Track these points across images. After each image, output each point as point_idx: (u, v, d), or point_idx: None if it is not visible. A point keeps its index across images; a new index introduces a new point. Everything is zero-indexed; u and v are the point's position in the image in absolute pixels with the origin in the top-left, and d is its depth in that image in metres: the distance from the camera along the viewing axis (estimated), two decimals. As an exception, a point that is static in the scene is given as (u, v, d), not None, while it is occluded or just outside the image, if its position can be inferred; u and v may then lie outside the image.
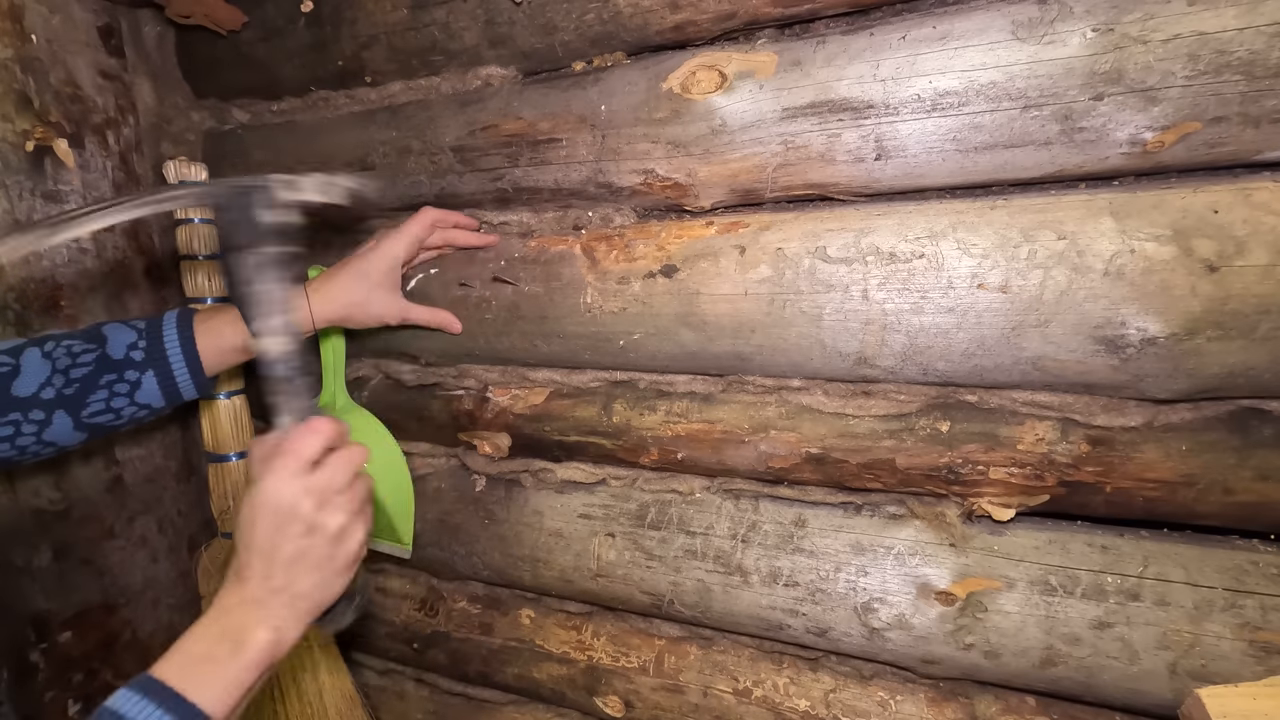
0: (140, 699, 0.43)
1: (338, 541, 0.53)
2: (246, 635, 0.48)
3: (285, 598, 0.51)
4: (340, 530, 0.53)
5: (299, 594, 0.51)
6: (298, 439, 0.53)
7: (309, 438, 0.53)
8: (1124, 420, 0.63)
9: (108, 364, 0.66)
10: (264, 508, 0.51)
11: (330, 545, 0.52)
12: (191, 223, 0.95)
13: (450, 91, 0.83)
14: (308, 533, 0.51)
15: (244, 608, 0.49)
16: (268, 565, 0.50)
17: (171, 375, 0.69)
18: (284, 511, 0.51)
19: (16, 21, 0.82)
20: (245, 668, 0.47)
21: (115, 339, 0.67)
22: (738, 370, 0.76)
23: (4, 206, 0.82)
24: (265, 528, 0.50)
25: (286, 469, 0.51)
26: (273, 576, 0.50)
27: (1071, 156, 0.59)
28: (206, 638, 0.48)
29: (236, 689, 0.47)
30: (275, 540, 0.50)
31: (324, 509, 0.52)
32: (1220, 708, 0.53)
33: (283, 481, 0.51)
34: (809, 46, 0.64)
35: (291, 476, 0.51)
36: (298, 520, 0.51)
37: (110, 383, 0.66)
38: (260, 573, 0.50)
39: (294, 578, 0.51)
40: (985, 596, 0.68)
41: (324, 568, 0.52)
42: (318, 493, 0.52)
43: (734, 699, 0.82)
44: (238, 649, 0.47)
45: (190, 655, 0.47)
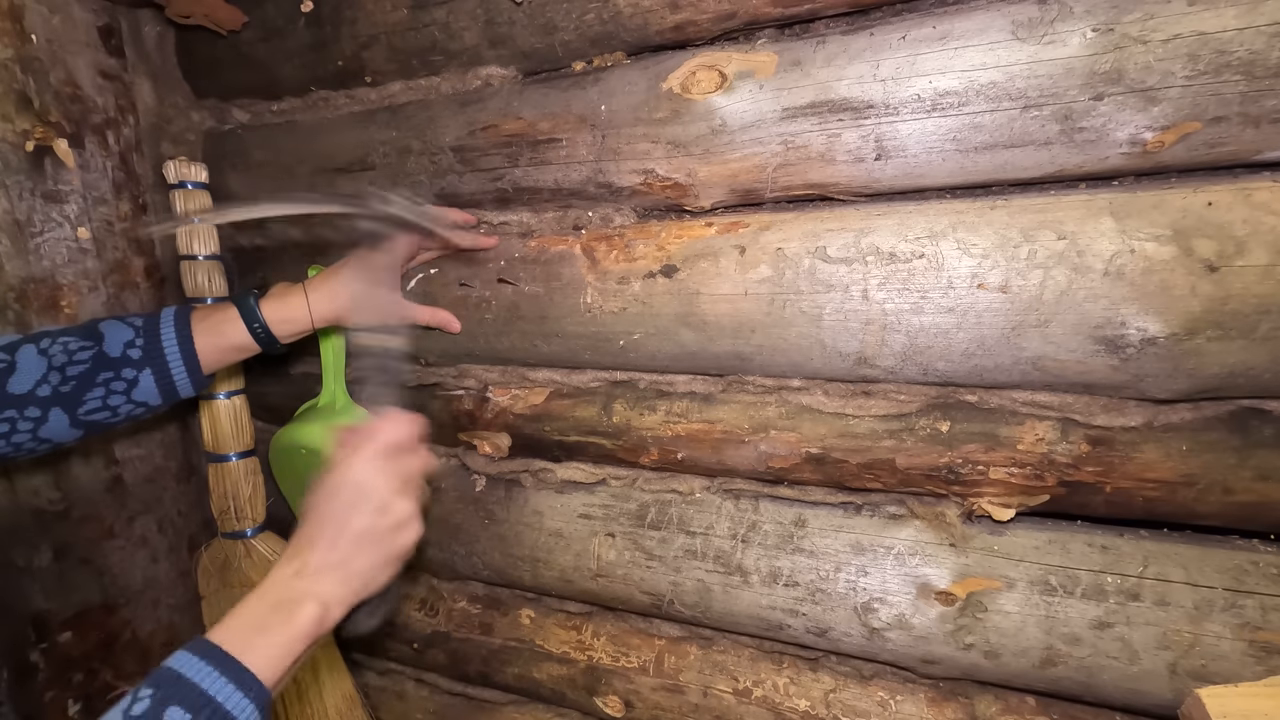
0: (199, 661, 0.45)
1: (400, 529, 0.55)
2: (297, 608, 0.50)
3: (341, 573, 0.53)
4: (406, 518, 0.56)
5: (354, 571, 0.53)
6: (389, 425, 0.57)
7: (399, 426, 0.57)
8: (1124, 420, 0.63)
9: (105, 362, 0.66)
10: (348, 481, 0.54)
11: (393, 530, 0.55)
12: (192, 223, 0.95)
13: (450, 91, 0.83)
14: (379, 512, 0.54)
15: (299, 579, 0.51)
16: (336, 535, 0.53)
17: (169, 374, 0.69)
18: (365, 487, 0.54)
19: (16, 21, 0.82)
20: (295, 638, 0.49)
21: (112, 336, 0.67)
22: (738, 370, 0.76)
23: (4, 206, 0.82)
24: (344, 499, 0.53)
25: (376, 450, 0.55)
26: (337, 547, 0.52)
27: (1071, 156, 0.59)
28: (261, 607, 0.50)
29: (287, 657, 0.49)
30: (350, 512, 0.53)
31: (399, 494, 0.55)
32: (1220, 708, 0.53)
33: (370, 461, 0.55)
34: (809, 46, 0.64)
35: (377, 458, 0.55)
36: (375, 497, 0.54)
37: (107, 380, 0.66)
38: (327, 542, 0.52)
39: (355, 553, 0.53)
40: (985, 596, 0.68)
41: (382, 551, 0.54)
42: (397, 477, 0.55)
43: (734, 699, 0.82)
44: (289, 619, 0.49)
45: (245, 623, 0.49)
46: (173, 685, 0.44)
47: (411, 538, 0.57)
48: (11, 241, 0.83)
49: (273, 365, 1.03)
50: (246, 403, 1.01)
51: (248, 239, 1.03)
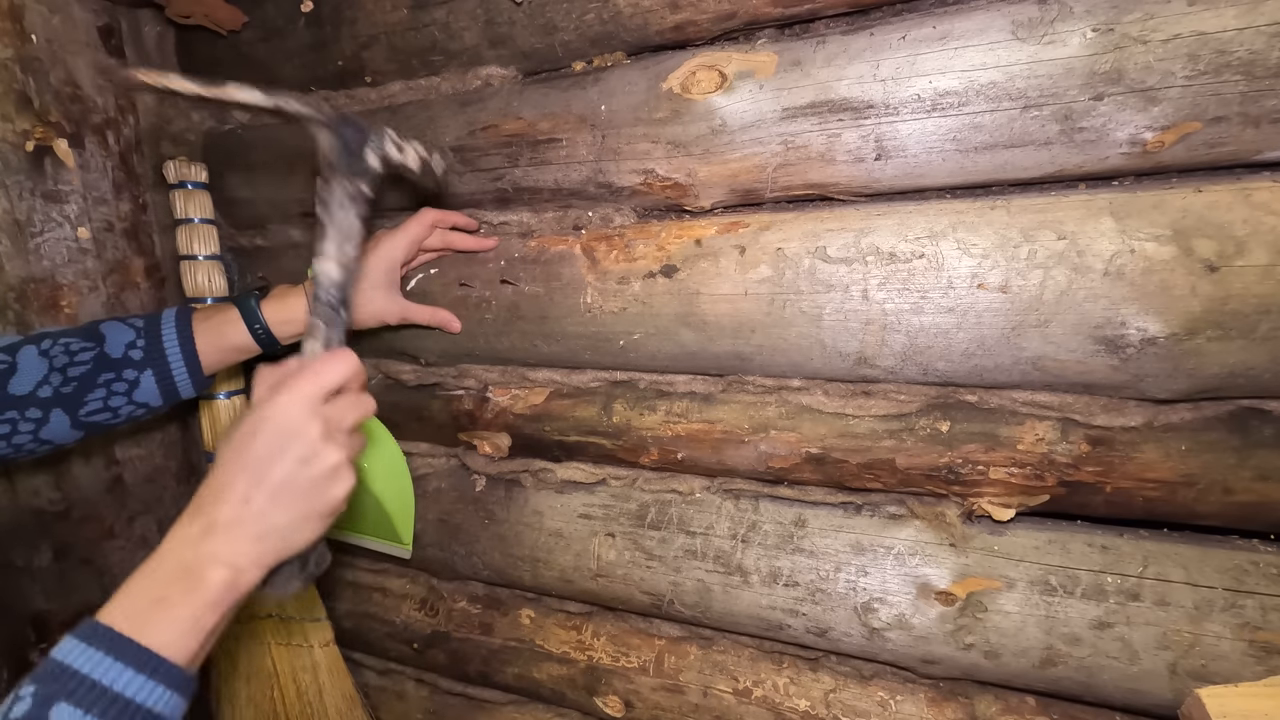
0: (86, 648, 0.40)
1: (328, 480, 0.49)
2: (203, 573, 0.44)
3: (256, 529, 0.46)
4: (334, 469, 0.49)
5: (271, 527, 0.47)
6: (323, 364, 0.51)
7: (334, 364, 0.51)
8: (1124, 420, 0.63)
9: (106, 363, 0.66)
10: (270, 422, 0.47)
11: (321, 481, 0.48)
12: (191, 223, 0.95)
13: (450, 91, 0.83)
14: (304, 461, 0.48)
15: (204, 541, 0.45)
16: (252, 484, 0.46)
17: (170, 375, 0.69)
18: (290, 429, 0.47)
19: (16, 21, 0.82)
20: (202, 608, 0.43)
21: (113, 337, 0.67)
22: (738, 370, 0.76)
23: (4, 206, 0.82)
24: (265, 442, 0.47)
25: (303, 391, 0.49)
26: (253, 500, 0.46)
27: (1071, 156, 0.59)
28: (158, 577, 0.43)
29: (196, 631, 0.43)
30: (270, 460, 0.47)
31: (328, 441, 0.49)
32: (1220, 708, 0.53)
33: (296, 402, 0.48)
34: (809, 46, 0.64)
35: (306, 400, 0.49)
36: (301, 442, 0.47)
37: (108, 382, 0.66)
38: (241, 493, 0.46)
39: (274, 506, 0.47)
40: (985, 596, 0.68)
41: (306, 504, 0.48)
42: (326, 421, 0.49)
43: (734, 699, 0.82)
44: (192, 588, 0.43)
45: (140, 597, 0.42)
46: (56, 679, 0.38)
47: (342, 490, 0.50)
48: (11, 241, 0.83)
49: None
50: (246, 403, 1.01)
51: (248, 239, 1.03)
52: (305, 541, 0.49)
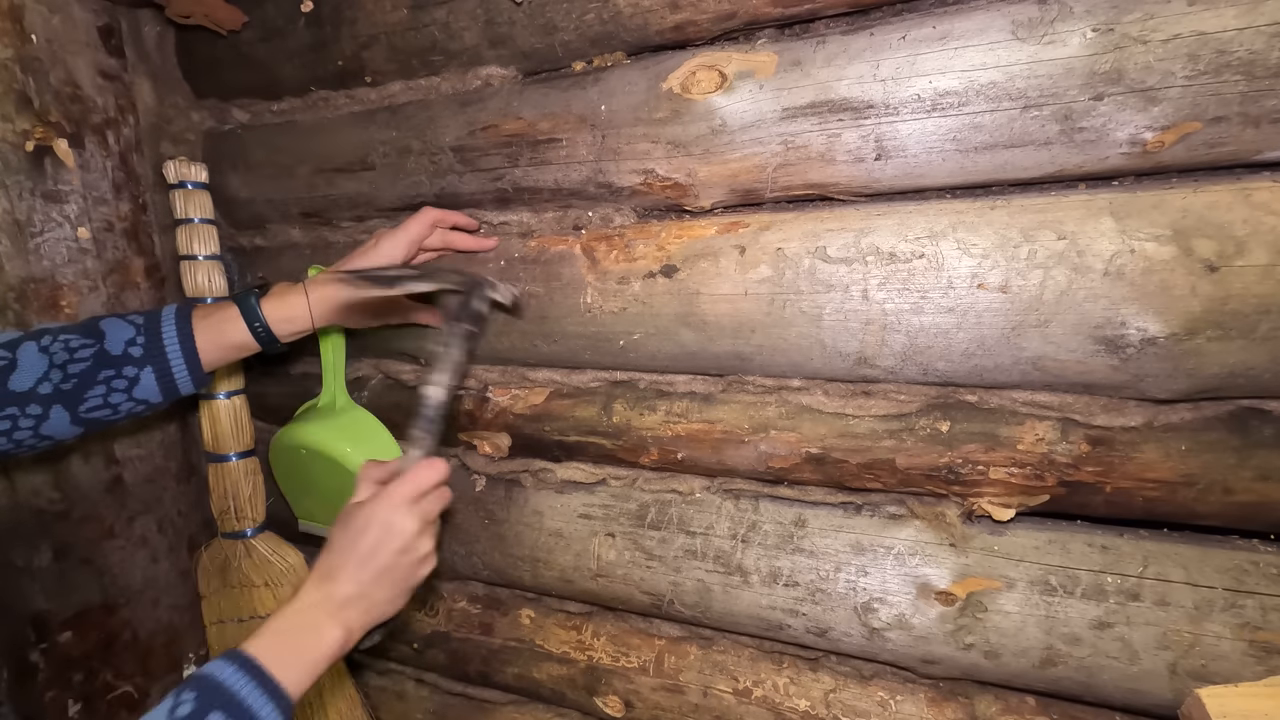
0: (239, 672, 0.49)
1: (418, 565, 0.61)
2: (325, 630, 0.55)
3: (364, 603, 0.58)
4: (425, 556, 0.62)
5: (374, 601, 0.59)
6: (424, 472, 0.62)
7: (430, 473, 0.62)
8: (1124, 420, 0.63)
9: (106, 360, 0.66)
10: (378, 521, 0.59)
11: (412, 566, 0.61)
12: (191, 223, 0.95)
13: (450, 91, 0.83)
14: (402, 551, 0.59)
15: (326, 605, 0.56)
16: (361, 569, 0.58)
17: (170, 372, 0.69)
18: (393, 528, 0.59)
19: (16, 21, 0.82)
20: (320, 659, 0.54)
21: (113, 334, 0.67)
22: (738, 370, 0.76)
23: (4, 206, 0.82)
24: (373, 537, 0.58)
25: (407, 496, 0.60)
26: (362, 581, 0.58)
27: (1071, 156, 0.59)
28: (292, 627, 0.54)
29: (312, 675, 0.53)
30: (377, 550, 0.58)
31: (421, 535, 0.61)
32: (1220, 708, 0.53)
33: (401, 505, 0.60)
34: (809, 46, 0.64)
35: (409, 503, 0.60)
36: (400, 537, 0.59)
37: (108, 379, 0.66)
38: (353, 575, 0.57)
39: (376, 586, 0.58)
40: (985, 596, 0.68)
41: (400, 584, 0.60)
42: (421, 519, 0.61)
43: (734, 699, 0.82)
44: (318, 643, 0.54)
45: (279, 640, 0.53)
46: (214, 692, 0.48)
47: (427, 571, 0.62)
48: (11, 241, 0.83)
49: (273, 365, 1.03)
50: (246, 403, 1.01)
51: (248, 239, 1.03)
52: (397, 610, 0.62)
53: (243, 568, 1.04)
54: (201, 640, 1.11)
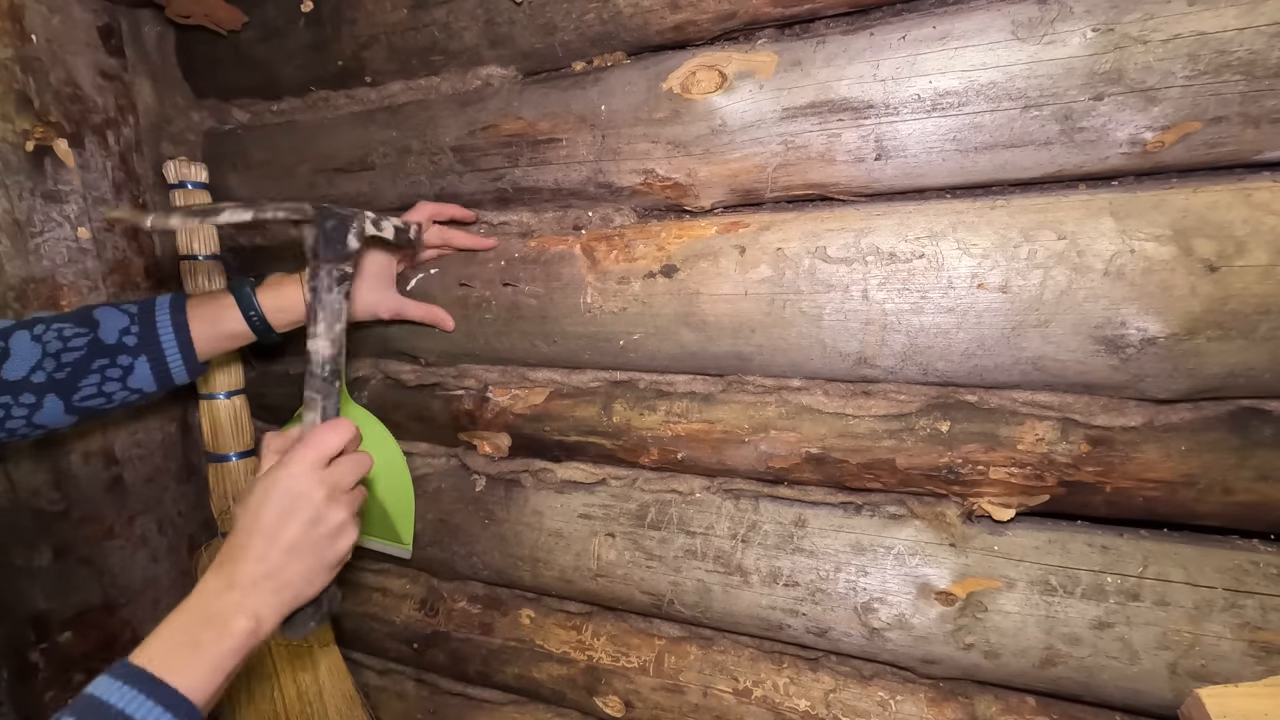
0: (122, 685, 0.44)
1: (334, 537, 0.55)
2: (228, 622, 0.49)
3: (273, 584, 0.52)
4: (339, 526, 0.56)
5: (286, 582, 0.53)
6: (322, 434, 0.57)
7: (331, 435, 0.57)
8: (1124, 420, 0.63)
9: (100, 348, 0.66)
10: (277, 490, 0.54)
11: (327, 539, 0.55)
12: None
13: (450, 91, 0.83)
14: (312, 522, 0.54)
15: (229, 593, 0.50)
16: (267, 546, 0.52)
17: (164, 361, 0.69)
18: (296, 497, 0.54)
19: (16, 21, 0.82)
20: (226, 654, 0.48)
21: (107, 323, 0.67)
22: (738, 370, 0.76)
23: (4, 206, 0.82)
24: (274, 510, 0.53)
25: (306, 460, 0.55)
26: (268, 559, 0.52)
27: (1071, 156, 0.59)
28: (188, 624, 0.49)
29: (217, 674, 0.47)
30: (282, 523, 0.53)
31: (332, 503, 0.55)
32: (1220, 708, 0.53)
33: (301, 471, 0.54)
34: (809, 46, 0.64)
35: (310, 468, 0.55)
36: (307, 507, 0.54)
37: (102, 368, 0.66)
38: (257, 554, 0.52)
39: (287, 564, 0.53)
40: (985, 596, 0.68)
41: (315, 560, 0.54)
42: (329, 486, 0.55)
43: (734, 699, 0.82)
44: (220, 636, 0.48)
45: (172, 641, 0.47)
46: (96, 713, 0.42)
47: (346, 545, 0.57)
48: (11, 241, 0.83)
49: (273, 365, 1.03)
50: (246, 403, 1.01)
51: (248, 239, 1.03)
52: (317, 590, 0.56)
53: (243, 568, 1.03)
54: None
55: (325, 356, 0.61)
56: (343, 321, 0.62)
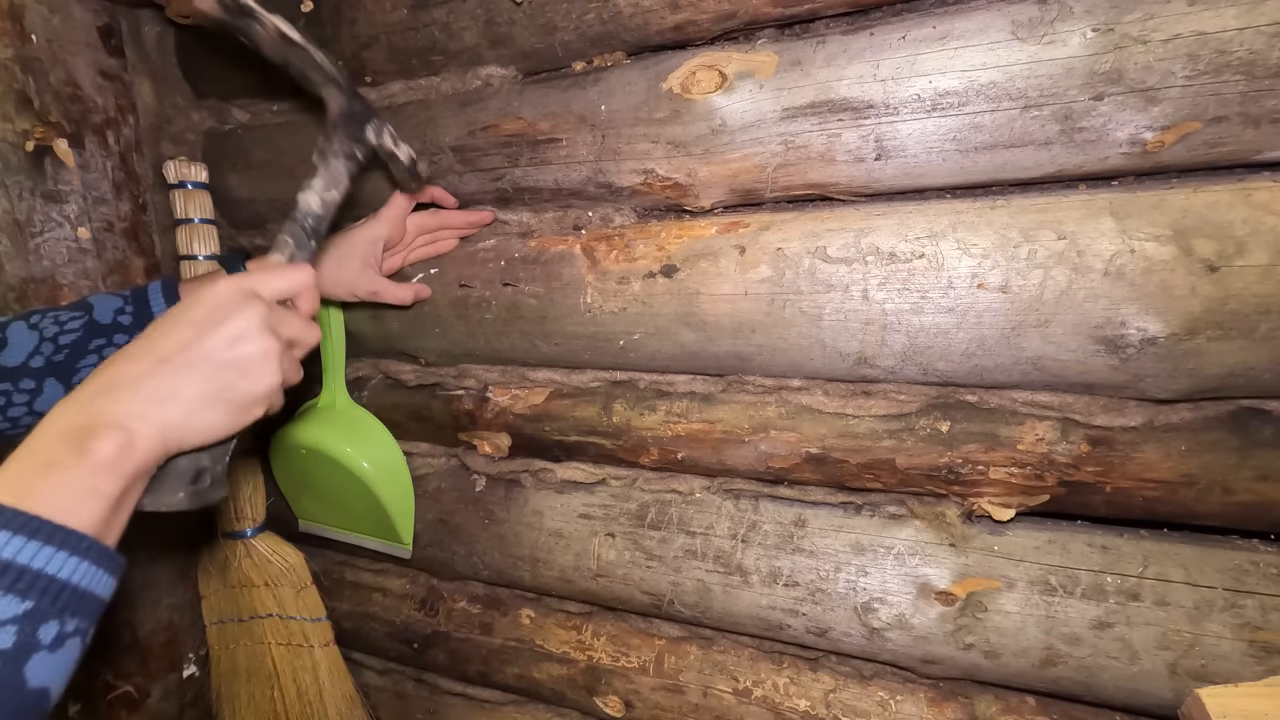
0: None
1: (252, 365, 0.46)
2: (92, 433, 0.39)
3: (159, 389, 0.42)
4: (262, 354, 0.47)
5: (174, 392, 0.43)
6: (277, 268, 0.52)
7: (288, 270, 0.52)
8: (1124, 420, 0.63)
9: (96, 329, 0.65)
10: (210, 296, 0.46)
11: (244, 363, 0.46)
12: (191, 223, 0.95)
13: (450, 91, 0.83)
14: (232, 340, 0.45)
15: (97, 398, 0.41)
16: (167, 344, 0.44)
17: None
18: (221, 306, 0.46)
19: (16, 21, 0.82)
20: (94, 470, 0.39)
21: (102, 306, 0.67)
22: (738, 370, 0.76)
23: (4, 206, 0.82)
24: (197, 313, 0.46)
25: (248, 282, 0.48)
26: (169, 358, 0.43)
27: (1071, 156, 0.59)
28: (43, 443, 0.39)
29: (92, 496, 0.38)
30: (199, 326, 0.45)
31: (262, 331, 0.47)
32: (1220, 708, 0.53)
33: (238, 286, 0.48)
34: (809, 46, 0.64)
35: (249, 289, 0.48)
36: (235, 321, 0.46)
37: (99, 347, 0.65)
38: (152, 349, 0.44)
39: (185, 371, 0.44)
40: (985, 596, 0.68)
41: (220, 380, 0.45)
42: (264, 315, 0.48)
43: (734, 699, 0.82)
44: (81, 450, 0.39)
45: (24, 466, 0.38)
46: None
47: (264, 385, 0.47)
48: (11, 241, 0.83)
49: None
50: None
51: (248, 239, 1.03)
52: (209, 429, 0.45)
53: (243, 567, 1.04)
54: (201, 640, 1.12)
55: (311, 208, 0.59)
56: (338, 193, 0.61)
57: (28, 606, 0.34)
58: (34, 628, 0.35)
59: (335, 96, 0.63)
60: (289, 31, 0.58)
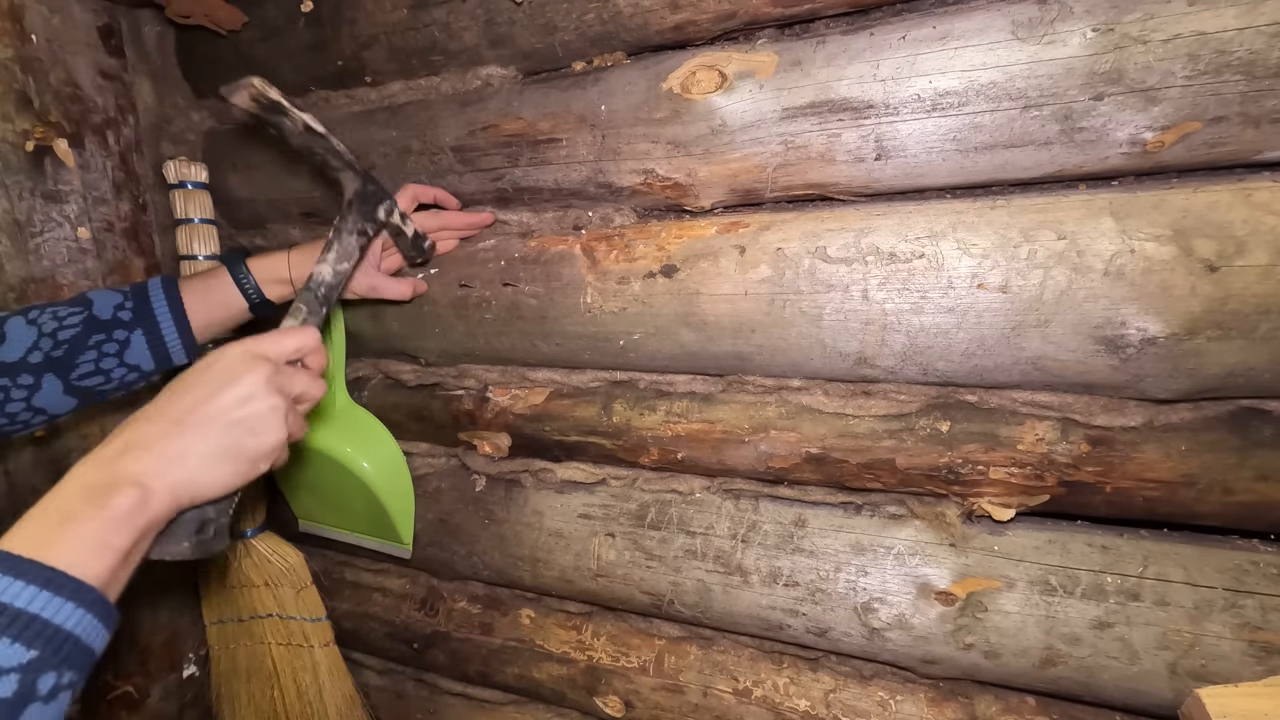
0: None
1: (261, 423, 0.50)
2: (110, 489, 0.42)
3: (172, 450, 0.45)
4: (270, 413, 0.50)
5: (188, 450, 0.46)
6: (286, 332, 0.56)
7: (295, 333, 0.56)
8: (1124, 420, 0.63)
9: (95, 324, 0.65)
10: (221, 361, 0.50)
11: (253, 422, 0.49)
12: (192, 223, 0.95)
13: (450, 91, 0.83)
14: (242, 400, 0.49)
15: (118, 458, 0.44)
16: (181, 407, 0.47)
17: (160, 334, 0.69)
18: (233, 369, 0.50)
19: (16, 21, 0.82)
20: (109, 525, 0.41)
21: (101, 301, 0.67)
22: (738, 370, 0.76)
23: (4, 206, 0.82)
24: (203, 380, 0.49)
25: (259, 346, 0.52)
26: (177, 419, 0.46)
27: (1071, 156, 0.59)
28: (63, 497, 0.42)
29: (104, 549, 0.40)
30: (208, 388, 0.48)
31: (270, 391, 0.50)
32: (1220, 708, 0.53)
33: (248, 351, 0.51)
34: (809, 46, 0.64)
35: (260, 352, 0.52)
36: (244, 382, 0.49)
37: (99, 343, 0.65)
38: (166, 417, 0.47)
39: (198, 431, 0.47)
40: (985, 596, 0.68)
41: (230, 439, 0.48)
42: (272, 376, 0.51)
43: (734, 699, 0.82)
44: (99, 505, 0.41)
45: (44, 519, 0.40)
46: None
47: (271, 441, 0.50)
48: (11, 241, 0.83)
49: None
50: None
51: (248, 239, 1.03)
52: (218, 484, 0.48)
53: (243, 568, 1.04)
54: (201, 640, 1.12)
55: (324, 279, 0.65)
56: (349, 265, 0.68)
57: (33, 655, 0.35)
58: (34, 677, 0.35)
59: (352, 180, 0.69)
60: (314, 124, 0.65)
